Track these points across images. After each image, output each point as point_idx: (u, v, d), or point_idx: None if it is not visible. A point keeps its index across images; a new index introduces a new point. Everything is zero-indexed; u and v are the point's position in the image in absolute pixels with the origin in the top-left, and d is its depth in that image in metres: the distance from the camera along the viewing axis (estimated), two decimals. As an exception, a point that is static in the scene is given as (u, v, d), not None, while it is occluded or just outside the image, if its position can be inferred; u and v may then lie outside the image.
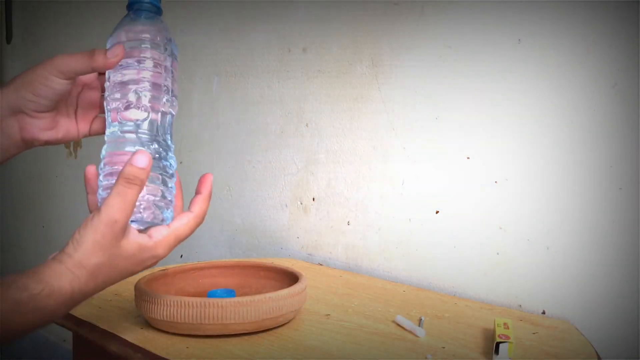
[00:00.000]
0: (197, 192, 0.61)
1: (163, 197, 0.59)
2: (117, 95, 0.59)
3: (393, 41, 1.01)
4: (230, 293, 0.78)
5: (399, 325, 0.76)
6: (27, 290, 0.50)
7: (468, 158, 0.93)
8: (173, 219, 0.60)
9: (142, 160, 0.55)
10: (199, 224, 0.61)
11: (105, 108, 0.60)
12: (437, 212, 0.97)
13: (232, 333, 0.69)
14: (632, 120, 0.77)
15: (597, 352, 0.70)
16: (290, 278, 0.78)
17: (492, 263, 0.91)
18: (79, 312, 0.76)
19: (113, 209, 0.53)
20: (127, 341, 0.67)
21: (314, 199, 1.15)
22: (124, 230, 0.55)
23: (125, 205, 0.54)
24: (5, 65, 2.01)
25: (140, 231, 0.57)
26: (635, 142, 0.77)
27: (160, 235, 0.58)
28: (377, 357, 0.66)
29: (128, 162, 0.55)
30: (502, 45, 0.88)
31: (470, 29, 0.91)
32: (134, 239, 0.56)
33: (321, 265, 1.13)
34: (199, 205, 0.60)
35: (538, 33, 0.85)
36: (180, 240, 0.59)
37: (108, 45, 0.61)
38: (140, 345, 0.66)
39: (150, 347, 0.65)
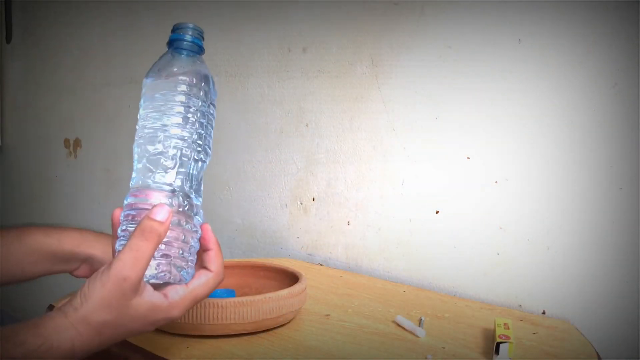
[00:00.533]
0: (207, 249, 0.57)
1: (182, 255, 0.54)
2: (143, 141, 0.55)
3: (393, 41, 1.00)
4: (230, 293, 0.78)
5: (399, 325, 0.75)
6: (24, 345, 0.47)
7: (468, 158, 0.93)
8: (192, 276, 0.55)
9: (162, 213, 0.51)
10: (218, 282, 0.57)
11: (133, 151, 0.56)
12: (437, 212, 0.97)
13: (232, 333, 0.68)
14: (632, 120, 0.77)
15: (597, 352, 0.70)
16: (290, 278, 0.78)
17: (492, 263, 0.91)
18: (79, 312, 0.76)
19: (124, 265, 0.50)
20: (127, 341, 0.67)
21: (314, 199, 1.15)
22: (135, 288, 0.50)
23: (138, 262, 0.50)
24: (5, 65, 2.01)
25: (155, 287, 0.53)
26: (635, 142, 0.77)
27: (177, 295, 0.53)
28: (377, 357, 0.66)
29: (146, 215, 0.51)
30: (502, 45, 0.88)
31: (470, 29, 0.91)
32: (147, 299, 0.51)
33: (321, 265, 1.13)
34: (215, 263, 0.56)
35: (538, 33, 0.84)
36: (197, 301, 0.55)
37: (146, 81, 0.57)
38: (140, 345, 0.66)
39: (150, 347, 0.65)
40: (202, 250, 0.57)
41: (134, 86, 1.51)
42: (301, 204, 1.17)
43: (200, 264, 0.57)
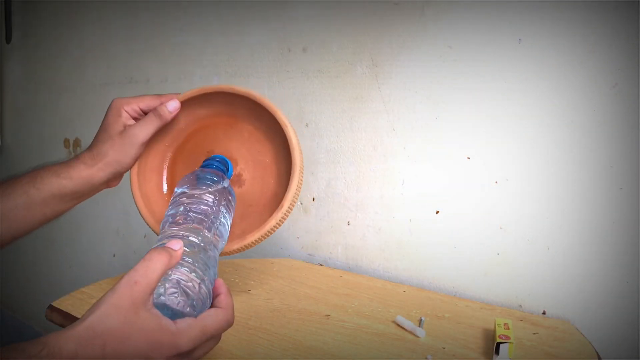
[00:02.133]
0: (218, 294, 0.58)
1: (194, 287, 0.56)
2: (172, 211, 0.66)
3: (393, 41, 1.00)
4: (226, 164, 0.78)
5: (399, 325, 0.75)
6: (24, 352, 0.45)
7: (468, 158, 0.93)
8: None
9: (176, 243, 0.56)
10: (228, 319, 0.56)
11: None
12: (437, 212, 0.97)
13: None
14: (632, 120, 0.77)
15: (597, 352, 0.70)
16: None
17: (492, 263, 0.91)
18: (79, 311, 0.76)
19: (136, 271, 0.51)
20: (127, 341, 0.67)
21: (314, 199, 1.15)
22: (144, 298, 0.50)
23: (149, 270, 0.51)
24: (5, 65, 2.01)
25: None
26: (636, 142, 0.77)
27: (185, 323, 0.52)
28: (377, 358, 0.66)
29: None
30: (502, 45, 0.88)
31: (470, 29, 0.91)
32: (156, 315, 0.51)
33: (321, 265, 1.13)
34: (224, 302, 0.57)
35: (538, 33, 0.84)
36: (206, 335, 0.53)
37: (177, 190, 0.70)
38: (140, 345, 0.66)
39: (150, 348, 0.65)
40: (214, 296, 0.58)
41: (134, 86, 1.51)
42: (301, 204, 1.17)
43: (210, 306, 0.58)
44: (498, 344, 0.64)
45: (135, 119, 0.75)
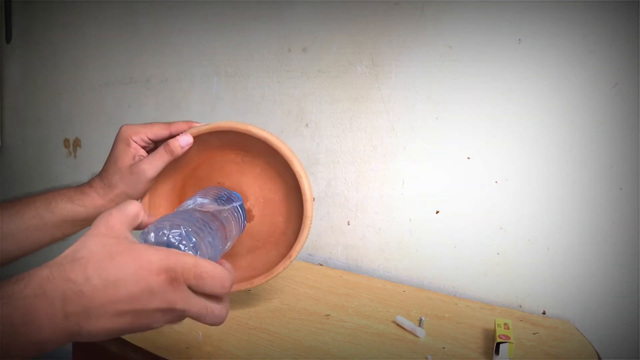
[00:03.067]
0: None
1: (202, 230, 0.54)
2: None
3: (393, 41, 1.00)
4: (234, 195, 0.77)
5: (399, 325, 0.75)
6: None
7: (468, 158, 0.93)
8: None
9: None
10: (228, 275, 0.48)
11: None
12: (437, 212, 0.97)
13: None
14: (632, 120, 0.77)
15: (597, 352, 0.70)
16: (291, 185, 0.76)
17: (492, 263, 0.91)
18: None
19: (111, 209, 0.50)
20: (126, 341, 0.67)
21: (314, 199, 1.15)
22: (122, 226, 0.48)
23: (124, 205, 0.50)
24: (5, 65, 2.00)
25: None
26: (635, 142, 0.77)
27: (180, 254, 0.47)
28: (377, 358, 0.66)
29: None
30: (502, 45, 0.88)
31: (470, 29, 0.91)
32: (139, 242, 0.48)
33: (321, 265, 1.13)
34: (226, 264, 0.52)
35: (538, 33, 0.84)
36: (200, 272, 0.46)
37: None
38: (140, 345, 0.66)
39: (150, 347, 0.65)
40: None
41: (134, 86, 1.51)
42: (301, 204, 1.17)
43: None
44: (498, 344, 0.64)
45: (145, 147, 0.75)
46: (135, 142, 0.73)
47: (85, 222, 0.73)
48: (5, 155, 2.10)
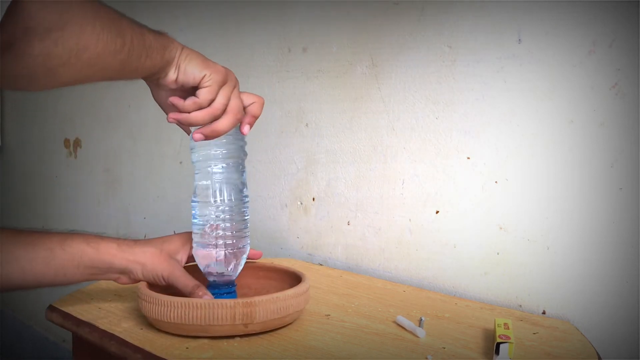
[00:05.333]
0: None
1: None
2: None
3: (393, 41, 1.00)
4: (231, 289, 0.77)
5: (399, 325, 0.75)
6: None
7: (468, 158, 0.93)
8: None
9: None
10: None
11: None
12: (437, 212, 0.97)
13: (240, 334, 0.68)
14: (632, 120, 0.77)
15: (597, 352, 0.70)
16: (292, 278, 0.78)
17: (492, 263, 0.91)
18: (79, 312, 0.76)
19: None
20: (127, 341, 0.67)
21: (314, 199, 1.15)
22: None
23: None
24: (5, 65, 2.00)
25: None
26: (635, 142, 0.77)
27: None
28: (377, 357, 0.66)
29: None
30: (502, 45, 0.88)
31: (470, 29, 0.91)
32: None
33: (321, 265, 1.13)
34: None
35: (538, 33, 0.84)
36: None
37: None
38: (140, 345, 0.66)
39: (150, 348, 0.65)
40: None
41: (134, 86, 1.51)
42: (301, 204, 1.17)
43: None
44: (498, 344, 0.64)
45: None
46: (179, 261, 0.77)
47: (89, 269, 0.72)
48: (5, 155, 2.10)
